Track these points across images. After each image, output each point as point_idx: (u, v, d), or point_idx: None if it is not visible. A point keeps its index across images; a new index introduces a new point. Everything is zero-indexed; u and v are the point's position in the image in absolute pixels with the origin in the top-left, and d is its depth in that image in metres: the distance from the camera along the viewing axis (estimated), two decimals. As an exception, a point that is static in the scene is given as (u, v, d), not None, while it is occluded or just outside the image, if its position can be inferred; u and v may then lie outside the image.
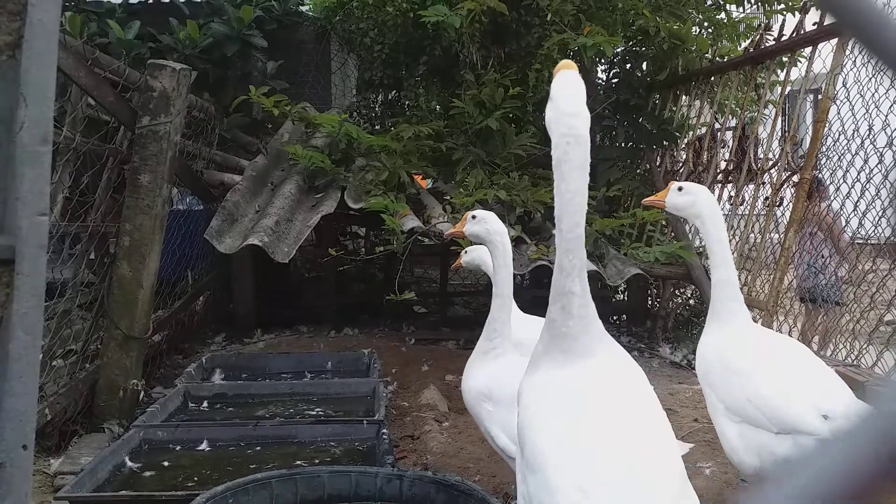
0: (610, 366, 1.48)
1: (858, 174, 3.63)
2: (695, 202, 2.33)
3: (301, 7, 6.51)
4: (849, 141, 3.78)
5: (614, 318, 6.14)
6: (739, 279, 4.38)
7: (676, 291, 5.48)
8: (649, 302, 5.72)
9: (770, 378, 2.03)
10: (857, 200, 3.62)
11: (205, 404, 3.24)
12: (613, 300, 6.19)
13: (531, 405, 1.48)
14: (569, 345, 1.46)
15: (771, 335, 2.37)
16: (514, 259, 4.08)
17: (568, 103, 1.51)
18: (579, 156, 1.51)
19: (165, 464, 2.57)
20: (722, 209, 4.91)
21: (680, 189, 2.38)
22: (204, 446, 2.69)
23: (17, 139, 1.09)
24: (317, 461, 2.59)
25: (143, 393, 3.49)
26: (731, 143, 4.89)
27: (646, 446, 1.35)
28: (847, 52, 3.58)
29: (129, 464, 2.51)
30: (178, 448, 2.69)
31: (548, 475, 1.30)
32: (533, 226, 4.84)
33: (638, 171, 5.64)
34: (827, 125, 3.75)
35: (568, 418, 1.38)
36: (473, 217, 2.37)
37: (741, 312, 2.20)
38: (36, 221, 1.08)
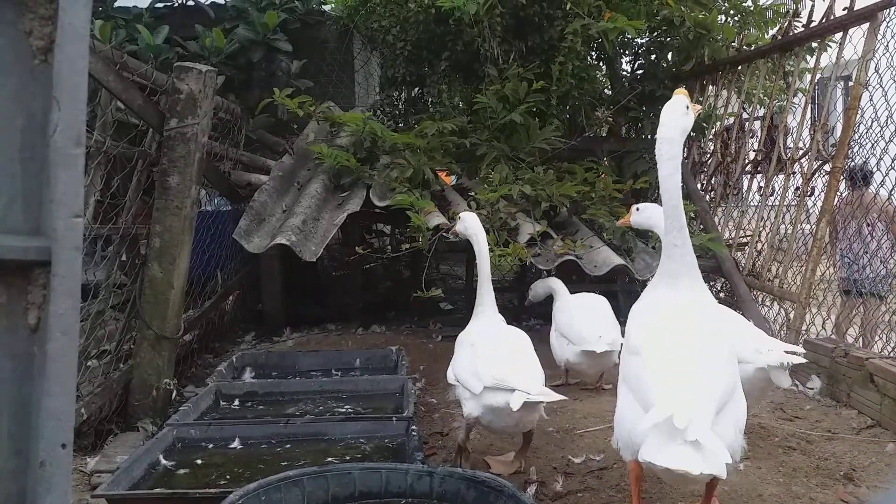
0: (694, 298, 2.17)
1: (893, 161, 3.55)
2: (650, 216, 2.90)
3: (323, 6, 6.54)
4: (882, 128, 3.70)
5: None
6: (770, 271, 4.33)
7: (706, 284, 5.42)
8: (678, 295, 5.65)
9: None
10: (893, 189, 3.54)
11: (236, 402, 3.27)
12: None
13: (639, 314, 2.22)
14: (669, 281, 2.18)
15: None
16: (539, 254, 4.10)
17: (664, 116, 2.24)
18: (668, 151, 2.18)
19: (198, 462, 2.60)
20: (751, 200, 4.88)
21: (637, 209, 3.01)
22: (236, 444, 2.71)
23: (51, 142, 1.11)
24: (347, 458, 2.60)
25: (175, 392, 3.53)
26: (759, 133, 4.81)
27: (705, 353, 1.99)
28: (879, 37, 3.50)
29: (164, 462, 2.54)
30: (210, 446, 2.71)
31: (644, 356, 2.02)
32: (559, 220, 4.81)
33: (665, 163, 5.57)
34: (859, 112, 3.67)
35: (658, 324, 2.11)
36: (459, 217, 3.14)
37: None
38: (71, 223, 1.09)
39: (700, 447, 1.71)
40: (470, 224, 3.04)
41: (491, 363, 2.48)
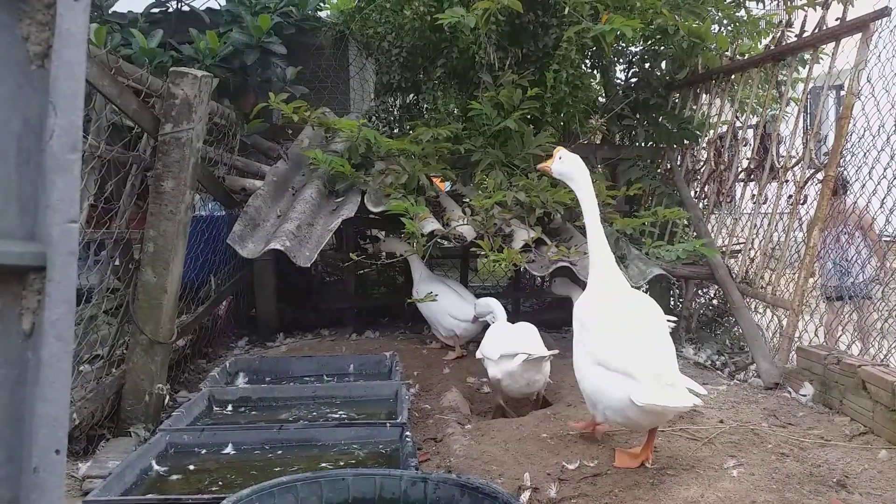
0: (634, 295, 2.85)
1: (885, 170, 3.58)
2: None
3: (319, 13, 6.55)
4: (874, 137, 3.73)
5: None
6: (763, 278, 4.35)
7: (699, 292, 5.44)
8: (672, 302, 5.67)
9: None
10: (884, 197, 3.57)
11: (229, 408, 3.26)
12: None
13: (595, 309, 2.77)
14: (603, 285, 2.82)
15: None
16: (534, 261, 4.11)
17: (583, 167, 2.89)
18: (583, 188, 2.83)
19: (191, 467, 2.59)
20: (744, 208, 4.91)
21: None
22: (229, 450, 2.71)
23: (47, 148, 1.11)
24: (341, 464, 2.59)
25: (168, 397, 3.52)
26: (752, 142, 4.84)
27: (648, 331, 2.62)
28: (871, 47, 3.53)
29: (156, 467, 2.54)
30: (203, 452, 2.70)
31: (595, 335, 2.67)
32: (553, 227, 4.82)
33: (658, 170, 5.60)
34: (851, 121, 3.70)
35: (613, 310, 2.70)
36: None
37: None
38: (66, 229, 1.09)
39: (680, 389, 2.46)
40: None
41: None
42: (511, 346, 3.35)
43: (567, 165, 2.93)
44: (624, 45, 5.59)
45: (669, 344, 2.64)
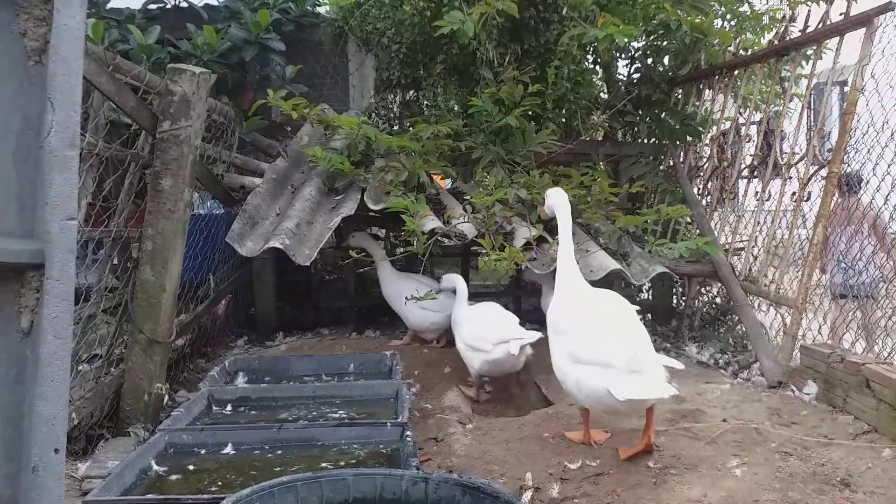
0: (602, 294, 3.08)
1: (889, 167, 3.55)
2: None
3: (318, 8, 6.52)
4: (878, 133, 3.70)
5: (639, 317, 6.08)
6: (766, 276, 4.33)
7: (702, 290, 5.42)
8: (675, 300, 5.65)
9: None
10: (888, 194, 3.55)
11: (228, 408, 3.23)
12: (638, 299, 6.12)
13: (568, 308, 3.00)
14: (571, 285, 3.09)
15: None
16: (535, 258, 4.09)
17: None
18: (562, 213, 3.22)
19: (191, 467, 2.57)
20: (748, 205, 4.88)
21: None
22: (228, 450, 2.68)
23: (45, 144, 1.09)
24: (341, 464, 2.57)
25: (167, 397, 3.50)
26: (756, 138, 4.82)
27: (617, 322, 2.81)
28: (875, 42, 3.51)
29: (155, 467, 2.52)
30: (203, 451, 2.68)
31: (570, 336, 2.85)
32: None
33: (661, 167, 5.57)
34: (855, 117, 3.67)
35: (586, 307, 2.94)
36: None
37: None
38: (65, 226, 1.07)
39: (661, 380, 2.62)
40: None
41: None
42: (503, 332, 3.58)
43: (551, 199, 3.36)
44: (626, 41, 5.56)
45: (640, 329, 2.83)
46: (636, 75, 5.75)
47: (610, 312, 2.87)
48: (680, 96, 5.59)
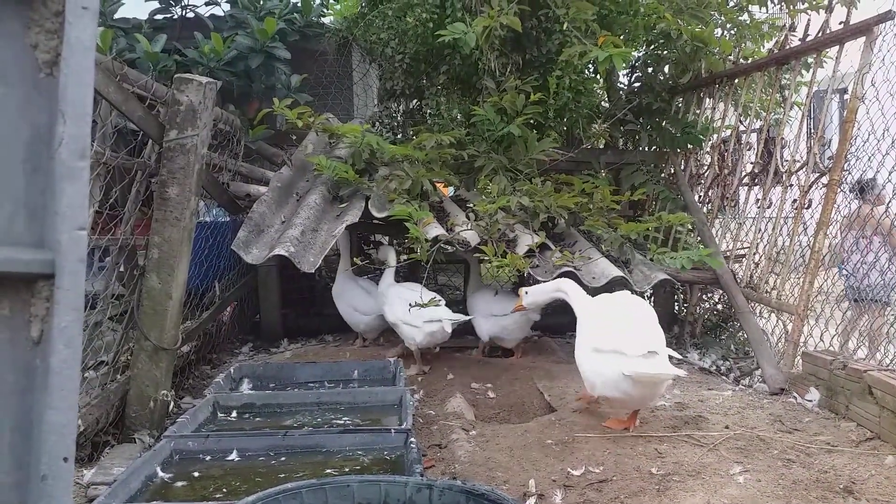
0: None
1: (889, 174, 3.57)
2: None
3: (322, 19, 6.57)
4: (879, 141, 3.72)
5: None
6: (768, 283, 4.35)
7: (704, 296, 5.42)
8: (676, 307, 5.66)
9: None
10: (889, 201, 3.56)
11: (233, 414, 3.25)
12: (639, 306, 6.13)
13: (595, 314, 3.30)
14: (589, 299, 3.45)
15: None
16: (538, 265, 4.10)
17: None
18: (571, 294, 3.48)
19: (196, 474, 2.59)
20: (749, 212, 4.90)
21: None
22: (234, 456, 2.70)
23: (56, 155, 1.11)
24: (346, 470, 2.59)
25: (172, 403, 3.52)
26: (756, 146, 4.84)
27: (634, 318, 3.14)
28: (875, 51, 3.53)
29: (161, 474, 2.53)
30: (208, 458, 2.70)
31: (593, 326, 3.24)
32: (557, 232, 4.82)
33: (662, 175, 5.59)
34: (856, 125, 3.69)
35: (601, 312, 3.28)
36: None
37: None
38: (75, 236, 1.09)
39: (663, 359, 2.93)
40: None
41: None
42: (432, 313, 4.08)
43: (530, 297, 3.75)
44: (623, 63, 5.60)
45: (655, 326, 3.13)
46: (637, 84, 5.79)
47: (630, 310, 3.20)
48: (681, 105, 5.62)
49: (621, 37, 4.98)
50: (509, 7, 4.40)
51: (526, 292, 3.76)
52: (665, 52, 5.53)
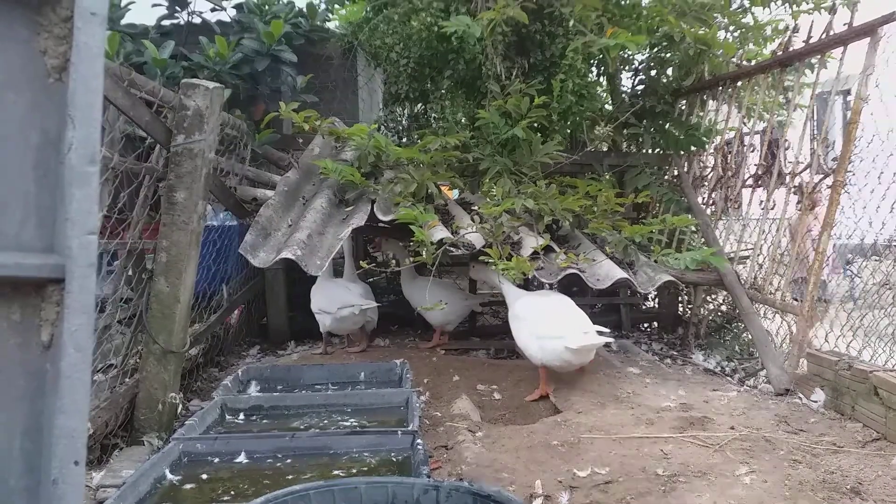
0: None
1: (894, 176, 3.56)
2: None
3: (328, 23, 6.60)
4: (883, 142, 3.72)
5: (645, 325, 6.09)
6: (772, 284, 4.35)
7: (708, 297, 5.42)
8: (681, 308, 5.66)
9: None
10: (893, 203, 3.56)
11: (241, 416, 3.27)
12: (644, 307, 6.13)
13: (528, 306, 4.05)
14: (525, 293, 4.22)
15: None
16: (543, 268, 4.12)
17: None
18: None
19: (204, 476, 2.60)
20: (752, 214, 4.89)
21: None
22: (242, 458, 2.72)
23: (66, 160, 1.12)
24: (353, 472, 2.60)
25: (181, 406, 3.54)
26: (760, 148, 4.84)
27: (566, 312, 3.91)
28: (879, 52, 3.53)
29: (170, 476, 2.54)
30: (216, 460, 2.71)
31: (531, 321, 3.94)
32: (561, 234, 4.82)
33: (666, 177, 5.60)
34: (860, 126, 3.69)
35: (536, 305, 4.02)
36: None
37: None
38: (85, 241, 1.11)
39: (593, 334, 3.66)
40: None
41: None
42: (346, 299, 4.66)
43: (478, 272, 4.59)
44: (630, 53, 5.60)
45: (578, 310, 3.90)
46: (640, 87, 5.79)
47: (555, 304, 3.99)
48: (684, 107, 5.62)
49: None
50: (514, 2, 4.41)
51: (473, 266, 4.66)
52: (668, 54, 5.54)
